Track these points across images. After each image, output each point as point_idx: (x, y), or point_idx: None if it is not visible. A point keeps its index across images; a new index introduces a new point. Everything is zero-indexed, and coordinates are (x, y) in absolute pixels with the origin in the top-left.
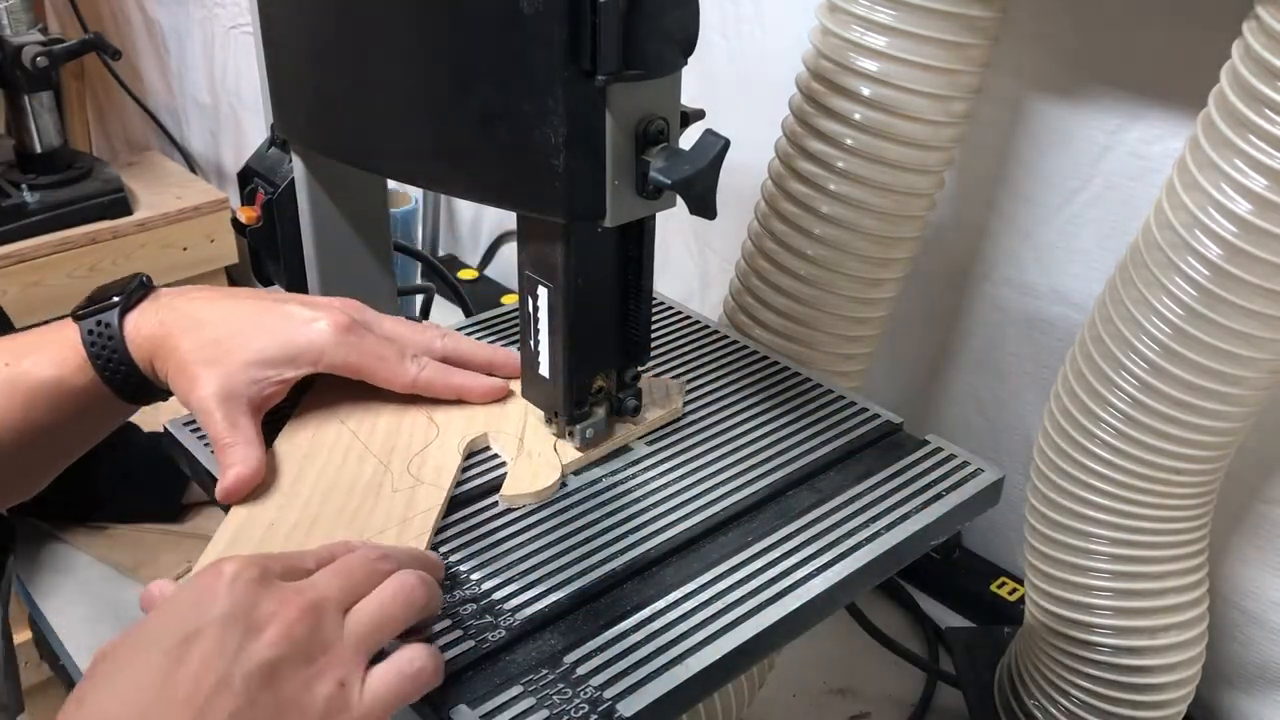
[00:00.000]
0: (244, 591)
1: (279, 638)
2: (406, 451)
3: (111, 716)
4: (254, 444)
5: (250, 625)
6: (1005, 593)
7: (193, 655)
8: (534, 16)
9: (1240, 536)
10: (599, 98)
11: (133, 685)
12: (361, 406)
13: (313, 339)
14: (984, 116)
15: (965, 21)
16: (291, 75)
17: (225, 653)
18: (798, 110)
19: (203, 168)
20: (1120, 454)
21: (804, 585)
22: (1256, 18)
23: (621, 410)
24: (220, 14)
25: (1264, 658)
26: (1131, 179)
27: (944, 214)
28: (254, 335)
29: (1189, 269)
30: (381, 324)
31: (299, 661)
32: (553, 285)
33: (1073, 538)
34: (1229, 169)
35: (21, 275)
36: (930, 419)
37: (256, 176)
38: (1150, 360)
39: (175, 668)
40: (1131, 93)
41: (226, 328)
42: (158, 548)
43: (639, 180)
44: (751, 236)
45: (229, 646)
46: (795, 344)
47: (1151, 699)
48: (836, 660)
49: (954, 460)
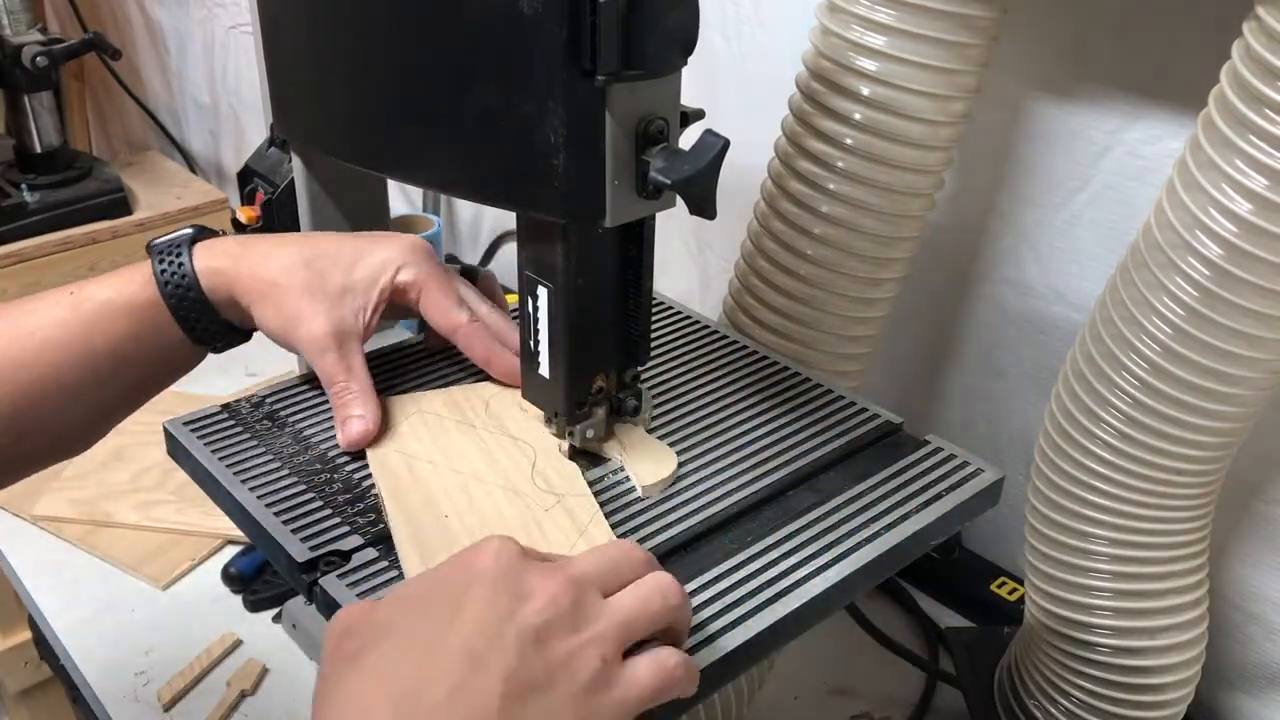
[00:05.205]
0: (509, 562)
1: (545, 605)
2: (517, 473)
3: (389, 670)
4: (370, 392)
5: (518, 592)
6: (1005, 593)
7: (464, 616)
8: (534, 16)
9: (1240, 536)
10: (599, 98)
11: (407, 642)
12: (432, 445)
13: (390, 249)
14: (984, 116)
15: (965, 21)
16: (291, 75)
17: (497, 613)
18: (798, 110)
19: (203, 168)
20: (1121, 454)
21: (804, 585)
22: (1256, 18)
23: (621, 410)
24: (220, 14)
25: (1264, 658)
26: (1131, 179)
27: (944, 214)
28: (338, 255)
29: (1189, 269)
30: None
31: (565, 630)
32: (552, 285)
33: (1073, 538)
34: (1229, 169)
35: (21, 275)
36: (930, 419)
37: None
38: (1151, 360)
39: (447, 627)
40: (1131, 93)
41: (306, 251)
42: (158, 547)
43: (639, 180)
44: (751, 236)
45: (499, 608)
46: (795, 344)
47: (1151, 699)
48: (836, 660)
49: (954, 460)
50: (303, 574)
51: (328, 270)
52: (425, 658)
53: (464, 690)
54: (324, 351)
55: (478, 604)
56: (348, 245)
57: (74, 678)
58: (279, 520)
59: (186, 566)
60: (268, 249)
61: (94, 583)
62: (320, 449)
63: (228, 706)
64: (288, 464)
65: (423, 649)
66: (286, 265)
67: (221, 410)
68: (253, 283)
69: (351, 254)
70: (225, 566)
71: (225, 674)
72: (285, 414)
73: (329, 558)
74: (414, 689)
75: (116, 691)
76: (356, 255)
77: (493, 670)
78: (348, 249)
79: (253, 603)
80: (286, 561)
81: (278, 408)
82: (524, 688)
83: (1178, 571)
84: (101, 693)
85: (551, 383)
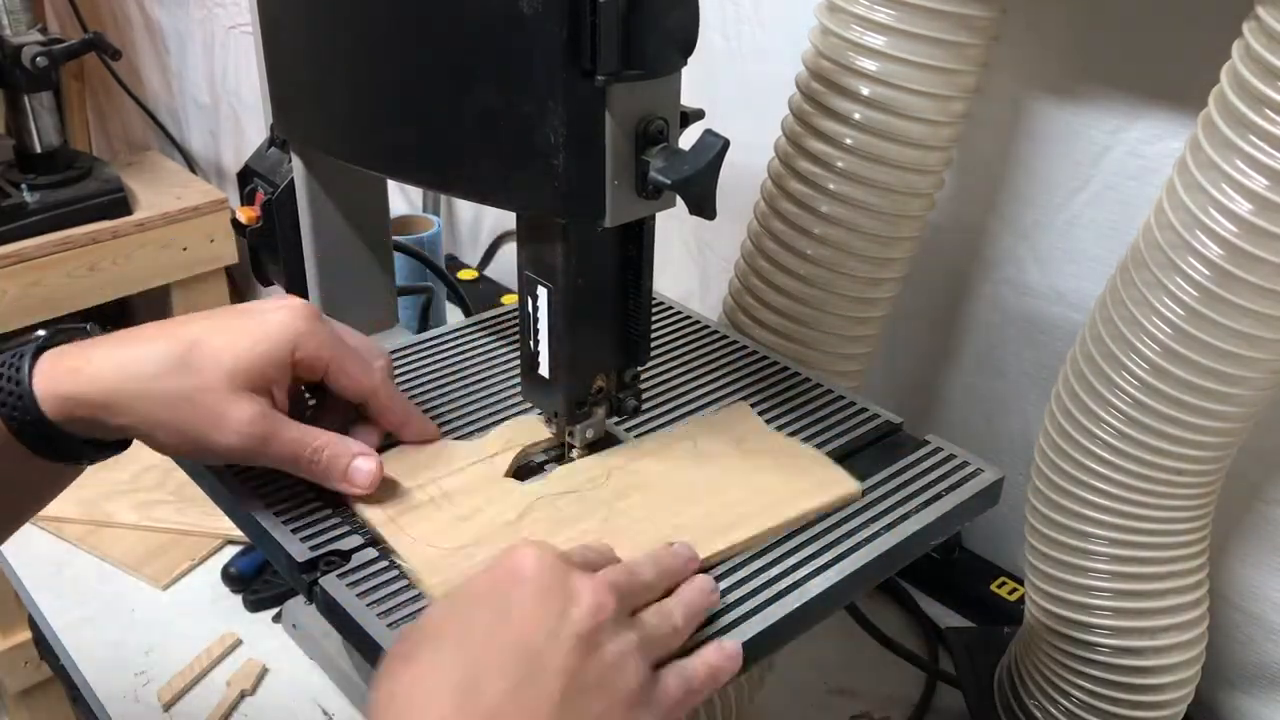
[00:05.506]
0: (552, 565)
1: (595, 608)
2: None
3: (447, 664)
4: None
5: (566, 594)
6: (1005, 593)
7: (517, 615)
8: (534, 16)
9: (1240, 536)
10: (599, 98)
11: (462, 641)
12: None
13: (275, 322)
14: (984, 116)
15: (964, 21)
16: (291, 75)
17: (550, 613)
18: (797, 110)
19: (203, 168)
20: (1121, 454)
21: (804, 585)
22: (1256, 18)
23: (621, 410)
24: (220, 14)
25: (1264, 658)
26: (1131, 179)
27: (944, 214)
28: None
29: (1189, 269)
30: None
31: (614, 634)
32: (552, 285)
33: (1073, 538)
34: (1229, 169)
35: (21, 275)
36: (930, 419)
37: (256, 176)
38: (1151, 360)
39: (502, 625)
40: (1131, 93)
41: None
42: (158, 547)
43: (639, 180)
44: (751, 236)
45: (551, 609)
46: (795, 344)
47: (1151, 699)
48: (836, 660)
49: (954, 460)
50: (303, 574)
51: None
52: (483, 654)
53: (526, 686)
54: (267, 436)
55: (528, 605)
56: (220, 326)
57: (74, 678)
58: (279, 520)
59: (186, 566)
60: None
61: (94, 583)
62: None
63: (228, 706)
64: None
65: (479, 646)
66: (155, 371)
67: None
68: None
69: (230, 337)
70: (225, 566)
71: (225, 674)
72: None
73: (329, 558)
74: (474, 683)
75: (116, 691)
76: (237, 337)
77: (552, 669)
78: (223, 332)
79: (253, 603)
80: (286, 561)
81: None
82: (581, 689)
83: (1178, 571)
84: (101, 693)
85: (551, 383)
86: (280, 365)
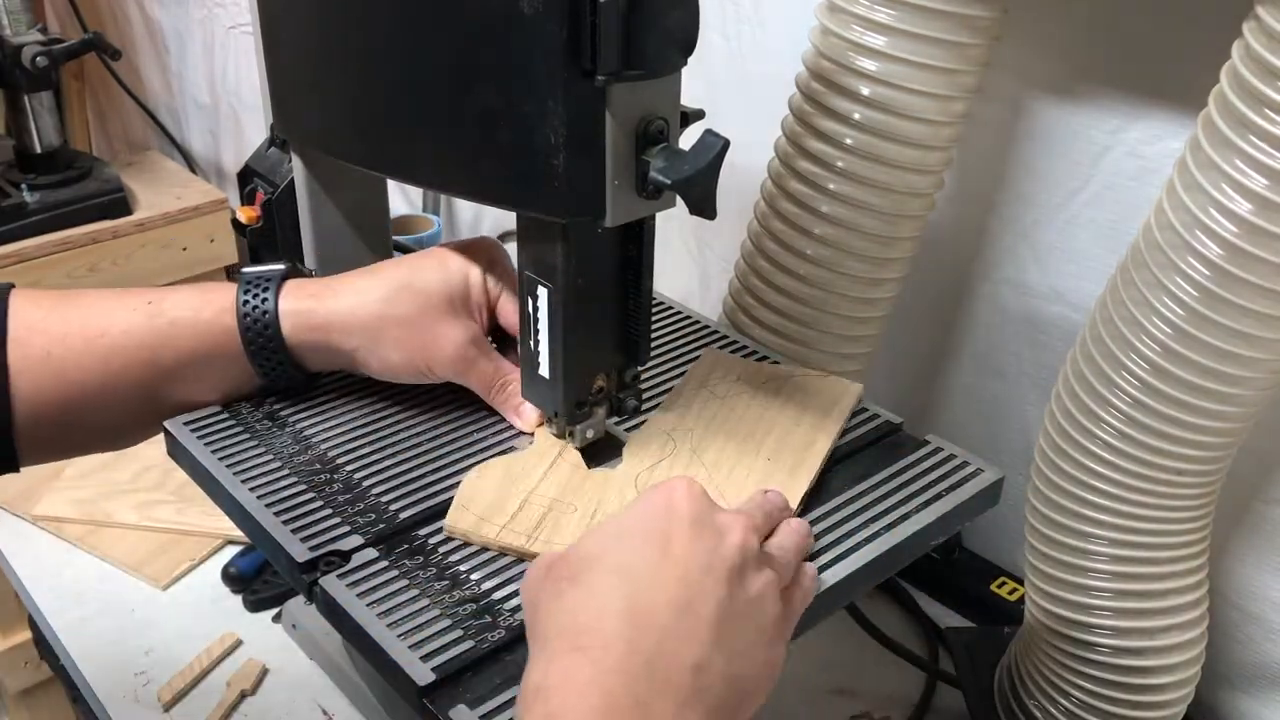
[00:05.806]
0: (702, 502)
1: (741, 542)
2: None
3: (612, 585)
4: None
5: (716, 531)
6: (1005, 593)
7: (675, 545)
8: (534, 17)
9: (1240, 536)
10: (599, 98)
11: (623, 565)
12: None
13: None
14: (984, 116)
15: (965, 21)
16: (291, 75)
17: (705, 546)
18: (798, 110)
19: (203, 168)
20: (1121, 454)
21: None
22: (1256, 18)
23: (621, 410)
24: (220, 14)
25: (1264, 658)
26: (1131, 179)
27: (944, 214)
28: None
29: (1189, 269)
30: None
31: (757, 568)
32: (552, 285)
33: (1073, 538)
34: (1229, 169)
35: (21, 275)
36: (930, 419)
37: (256, 176)
38: (1151, 360)
39: (662, 555)
40: (1131, 93)
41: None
42: (158, 547)
43: (639, 180)
44: (751, 236)
45: (706, 543)
46: (795, 344)
47: (1151, 699)
48: (836, 660)
49: (954, 460)
50: (303, 574)
51: (431, 287)
52: (647, 577)
53: (687, 611)
54: (473, 360)
55: (684, 537)
56: (431, 263)
57: (74, 678)
58: (279, 520)
59: (186, 566)
60: (358, 285)
61: (94, 583)
62: (320, 449)
63: (228, 706)
64: (288, 464)
65: (642, 571)
66: (387, 295)
67: (222, 410)
68: (354, 321)
69: (439, 266)
70: (225, 566)
71: (225, 674)
72: (285, 414)
73: (329, 558)
74: (641, 603)
75: (116, 691)
76: (446, 265)
77: (708, 598)
78: (434, 267)
79: (253, 603)
80: (286, 561)
81: (278, 408)
82: (730, 616)
83: (1178, 571)
84: (101, 693)
85: (551, 382)
86: (481, 290)
